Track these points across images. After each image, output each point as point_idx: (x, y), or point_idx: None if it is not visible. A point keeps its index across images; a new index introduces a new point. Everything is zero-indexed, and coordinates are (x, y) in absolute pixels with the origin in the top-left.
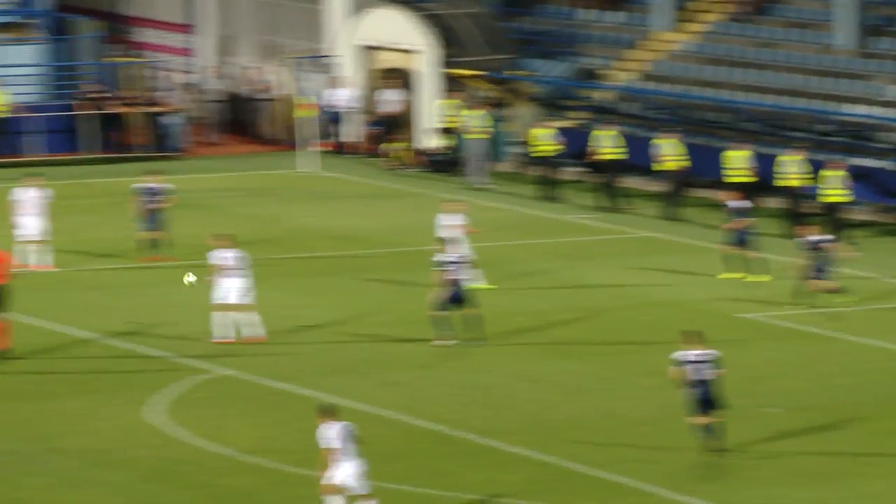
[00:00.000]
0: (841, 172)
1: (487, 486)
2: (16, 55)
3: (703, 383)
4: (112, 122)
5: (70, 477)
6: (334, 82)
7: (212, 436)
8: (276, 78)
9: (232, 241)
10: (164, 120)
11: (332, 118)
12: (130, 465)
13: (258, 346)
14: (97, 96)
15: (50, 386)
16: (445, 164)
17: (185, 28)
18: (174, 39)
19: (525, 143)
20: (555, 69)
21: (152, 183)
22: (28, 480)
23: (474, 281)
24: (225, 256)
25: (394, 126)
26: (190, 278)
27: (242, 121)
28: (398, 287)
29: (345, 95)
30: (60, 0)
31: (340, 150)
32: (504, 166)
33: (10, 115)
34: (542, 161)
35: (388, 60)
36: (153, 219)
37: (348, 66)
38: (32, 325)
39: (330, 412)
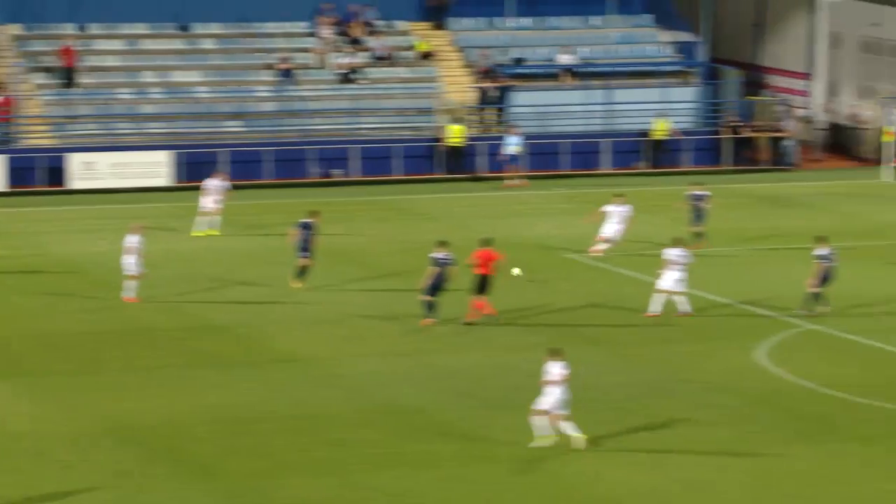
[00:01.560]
0: None
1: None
2: (678, 94)
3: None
4: (745, 144)
5: (694, 400)
6: None
7: (800, 373)
8: (871, 113)
9: (683, 242)
10: (783, 143)
11: None
12: (741, 393)
13: (845, 310)
14: (735, 124)
15: (673, 335)
16: None
17: (803, 75)
18: (795, 83)
19: None
20: None
21: (698, 191)
22: (657, 402)
23: None
24: (673, 253)
25: None
26: (515, 271)
27: (843, 144)
28: None
29: None
30: (714, 54)
31: None
32: None
33: (667, 138)
34: None
35: None
36: (698, 216)
37: None
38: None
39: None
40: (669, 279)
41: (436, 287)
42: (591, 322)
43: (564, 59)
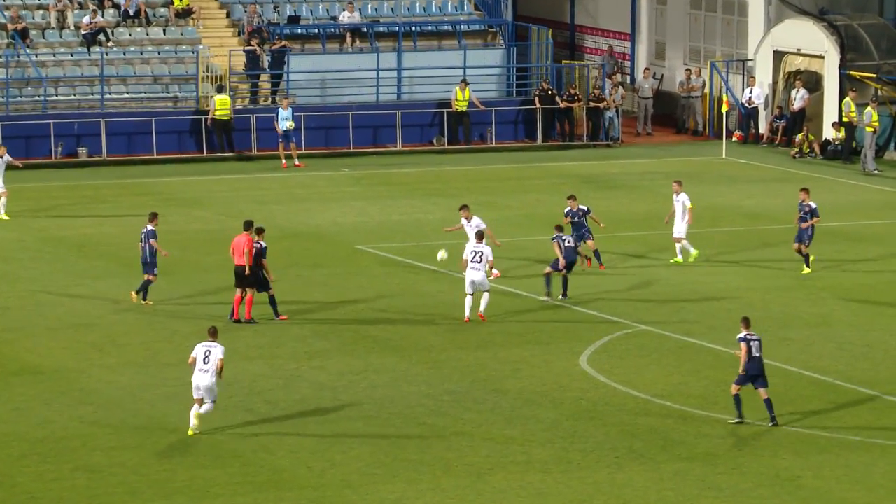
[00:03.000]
0: None
1: (864, 431)
2: (481, 57)
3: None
4: (559, 116)
5: (508, 413)
6: (751, 83)
7: (629, 380)
8: (703, 79)
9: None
10: (604, 114)
11: (747, 113)
12: (562, 405)
13: (672, 306)
14: (548, 93)
15: (488, 338)
16: (842, 153)
17: (625, 35)
18: (616, 45)
19: None
20: None
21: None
22: (466, 416)
23: None
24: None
25: (800, 120)
26: (442, 254)
27: (671, 115)
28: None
29: (757, 94)
30: (521, 11)
31: (752, 141)
32: (893, 155)
33: (469, 109)
34: None
35: (797, 64)
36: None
37: (762, 69)
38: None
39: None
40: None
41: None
42: (390, 322)
43: (348, 17)
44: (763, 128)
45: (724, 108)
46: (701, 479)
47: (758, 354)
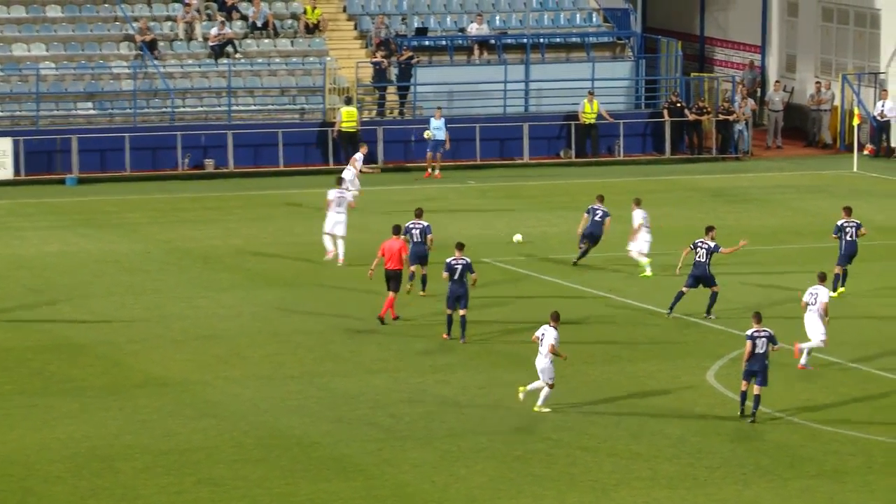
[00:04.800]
0: None
1: None
2: (610, 70)
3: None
4: (688, 128)
5: (635, 429)
6: (883, 95)
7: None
8: (833, 91)
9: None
10: (733, 127)
11: (879, 127)
12: (690, 420)
13: (799, 321)
14: (677, 105)
15: (624, 352)
16: None
17: (755, 48)
18: (746, 57)
19: None
20: None
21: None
22: (594, 430)
23: None
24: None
25: None
26: (518, 237)
27: (801, 128)
28: None
29: (890, 107)
30: (650, 23)
31: (884, 154)
32: None
33: (597, 122)
34: None
35: None
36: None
37: (895, 82)
38: (611, 300)
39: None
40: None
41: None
42: (515, 335)
43: (476, 28)
44: (895, 142)
45: (856, 122)
46: (829, 496)
47: (762, 351)
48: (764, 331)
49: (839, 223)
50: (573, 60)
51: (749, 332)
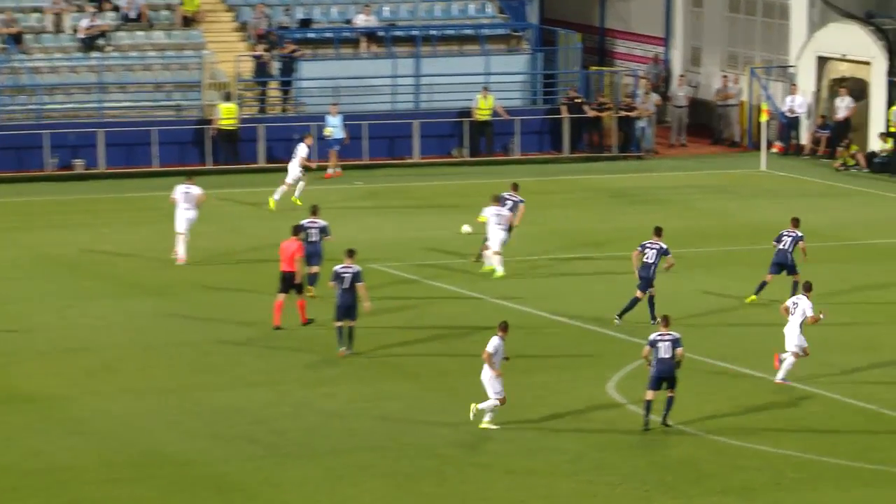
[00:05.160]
0: None
1: None
2: (505, 63)
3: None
4: (588, 126)
5: (528, 445)
6: (792, 90)
7: (658, 410)
8: (740, 86)
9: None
10: (636, 124)
11: (788, 123)
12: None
13: (713, 330)
14: (577, 101)
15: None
16: (889, 165)
17: (658, 40)
18: (649, 50)
19: None
20: None
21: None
22: (489, 446)
23: None
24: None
25: (844, 130)
26: (466, 228)
27: (707, 125)
28: (844, 277)
29: (800, 102)
30: (548, 14)
31: (793, 152)
32: None
33: (492, 118)
34: None
35: (841, 70)
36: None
37: (805, 76)
38: (505, 307)
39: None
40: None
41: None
42: (404, 346)
43: (363, 20)
44: (805, 139)
45: (764, 118)
46: None
47: (667, 356)
48: (668, 334)
49: (781, 232)
50: (466, 54)
51: (651, 337)
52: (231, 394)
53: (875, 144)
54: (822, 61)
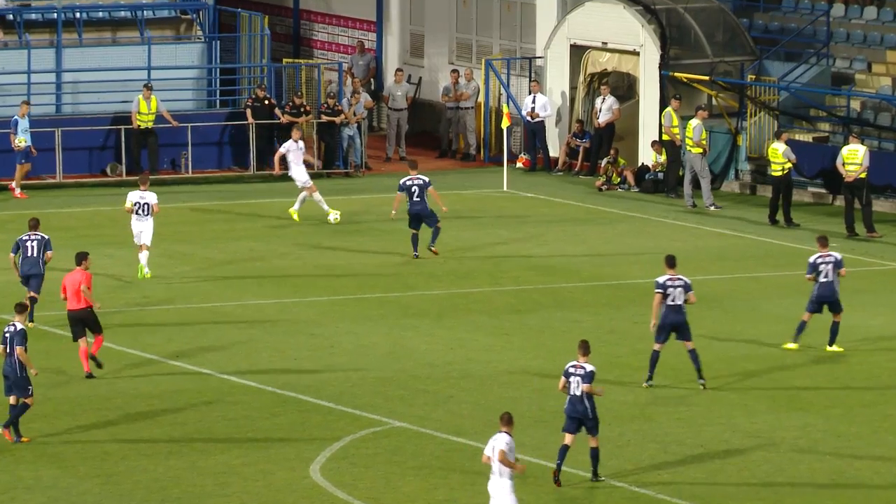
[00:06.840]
0: None
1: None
2: (171, 55)
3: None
4: (281, 133)
5: None
6: (534, 88)
7: (377, 499)
8: (476, 83)
9: None
10: (341, 131)
11: (534, 129)
12: None
13: (436, 396)
14: (265, 103)
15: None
16: (664, 183)
17: (369, 24)
18: (353, 36)
19: (761, 160)
20: (801, 74)
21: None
22: None
23: None
24: None
25: (607, 139)
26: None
27: (432, 132)
28: (604, 326)
29: (542, 103)
30: None
31: (542, 167)
32: (734, 186)
33: (157, 126)
34: (778, 180)
35: (602, 62)
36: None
37: (556, 70)
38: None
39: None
40: None
41: None
42: (47, 421)
43: None
44: (557, 150)
45: (505, 124)
46: None
47: (578, 393)
48: (581, 367)
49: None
50: (122, 42)
51: (567, 367)
52: None
53: (647, 157)
54: (578, 51)
